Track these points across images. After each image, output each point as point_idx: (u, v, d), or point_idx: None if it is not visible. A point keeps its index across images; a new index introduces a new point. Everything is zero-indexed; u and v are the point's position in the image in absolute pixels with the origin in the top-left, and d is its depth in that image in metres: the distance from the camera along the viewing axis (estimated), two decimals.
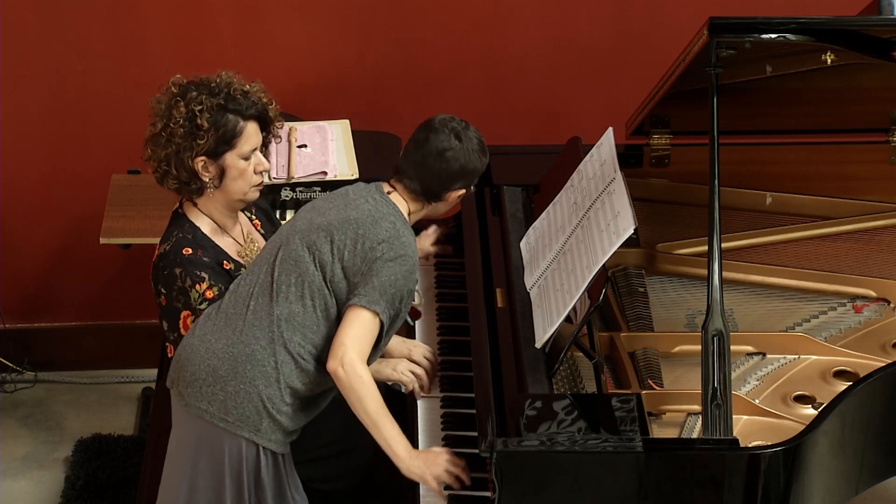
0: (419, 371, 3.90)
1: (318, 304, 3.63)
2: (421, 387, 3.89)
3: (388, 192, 3.75)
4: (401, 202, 3.74)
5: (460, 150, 3.71)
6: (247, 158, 3.79)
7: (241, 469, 3.65)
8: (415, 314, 4.16)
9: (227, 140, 3.76)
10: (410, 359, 3.98)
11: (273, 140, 3.92)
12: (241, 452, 3.64)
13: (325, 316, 3.63)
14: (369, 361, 3.64)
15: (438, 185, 3.73)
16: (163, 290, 3.78)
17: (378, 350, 3.70)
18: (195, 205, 3.84)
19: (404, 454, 3.57)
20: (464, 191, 3.76)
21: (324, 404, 3.75)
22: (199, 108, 3.74)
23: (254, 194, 3.84)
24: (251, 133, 3.79)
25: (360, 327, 3.58)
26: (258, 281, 3.67)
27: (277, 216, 4.39)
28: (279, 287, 3.64)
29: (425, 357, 3.97)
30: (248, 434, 3.63)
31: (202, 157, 3.75)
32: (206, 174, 3.77)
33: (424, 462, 3.57)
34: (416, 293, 3.96)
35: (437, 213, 3.84)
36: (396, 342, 3.99)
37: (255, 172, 3.81)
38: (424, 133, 3.75)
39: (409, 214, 3.74)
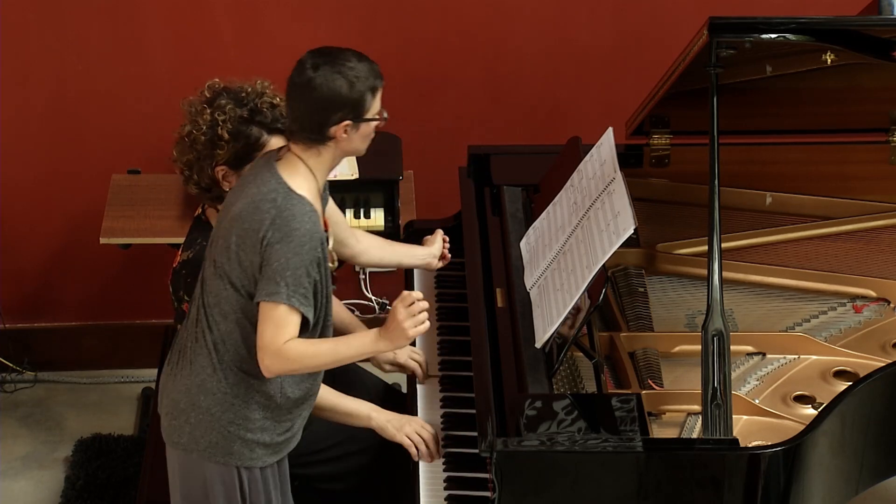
0: (427, 437, 3.74)
1: (244, 315, 3.52)
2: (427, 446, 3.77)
3: (279, 158, 3.52)
4: (292, 163, 3.49)
5: (319, 79, 3.43)
6: None
7: (231, 494, 3.61)
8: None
9: (249, 152, 3.72)
10: (395, 361, 3.97)
11: None
12: (223, 477, 3.61)
13: (254, 324, 3.51)
14: (325, 327, 3.57)
15: (313, 122, 3.46)
16: (186, 298, 3.76)
17: (326, 316, 3.57)
18: (218, 211, 3.82)
19: (379, 346, 3.54)
20: (349, 122, 3.45)
21: (306, 406, 3.66)
22: (223, 117, 3.71)
23: None
24: (275, 147, 3.74)
25: (268, 323, 3.45)
26: (196, 305, 3.60)
27: None
28: (207, 311, 3.55)
29: (412, 358, 3.96)
30: (223, 459, 3.58)
31: (223, 167, 3.73)
32: (227, 183, 3.75)
33: (392, 337, 3.52)
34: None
35: (347, 153, 3.54)
36: None
37: None
38: (291, 74, 3.53)
39: (310, 169, 3.50)
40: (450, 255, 4.04)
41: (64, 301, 5.36)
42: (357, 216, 4.65)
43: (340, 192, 4.62)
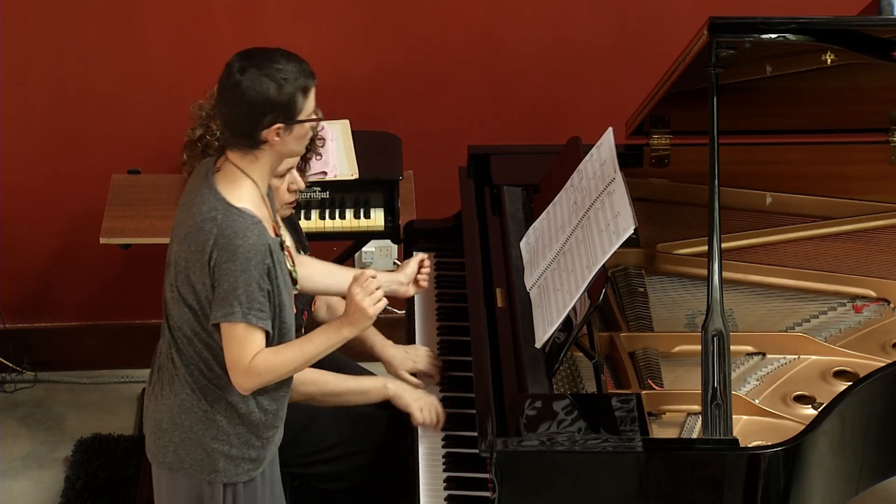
0: (434, 418, 3.80)
1: (208, 335, 3.48)
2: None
3: (218, 169, 3.45)
4: (231, 173, 3.43)
5: (247, 82, 3.35)
6: (281, 177, 3.73)
7: None
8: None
9: None
10: (416, 369, 3.97)
11: (315, 158, 3.86)
12: (209, 495, 3.58)
13: (219, 343, 3.47)
14: (282, 333, 3.51)
15: (245, 127, 3.38)
16: None
17: (282, 322, 3.50)
18: None
19: (344, 332, 3.53)
20: (281, 125, 3.38)
21: (283, 415, 3.63)
22: None
23: (285, 212, 3.80)
24: None
25: (232, 344, 3.42)
26: (165, 327, 3.57)
27: None
28: (174, 334, 3.53)
29: (431, 363, 3.97)
30: (209, 476, 3.56)
31: None
32: None
33: (353, 320, 3.52)
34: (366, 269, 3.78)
35: (284, 155, 3.47)
36: (399, 354, 3.98)
37: (288, 191, 3.76)
38: (219, 78, 3.43)
39: (251, 178, 3.43)
40: (425, 284, 3.90)
41: (64, 301, 5.36)
42: (357, 216, 4.65)
43: (340, 192, 4.62)
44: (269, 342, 3.49)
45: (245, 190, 3.44)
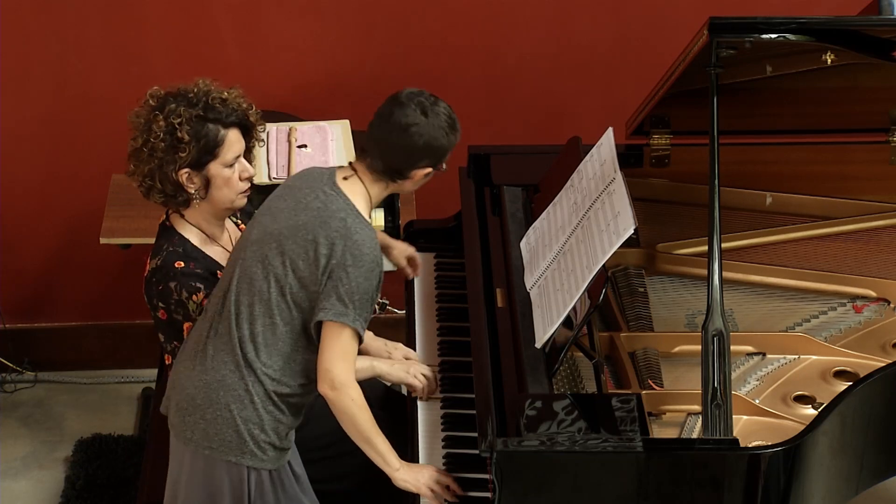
0: (430, 376, 3.86)
1: (280, 320, 3.54)
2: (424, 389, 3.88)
3: (346, 178, 3.60)
4: (357, 188, 3.58)
5: (426, 126, 3.53)
6: (231, 166, 3.75)
7: (240, 495, 3.61)
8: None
9: (210, 150, 3.73)
10: (405, 381, 3.98)
11: (257, 144, 3.89)
12: (234, 478, 3.60)
13: (289, 330, 3.55)
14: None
15: (402, 163, 3.56)
16: (160, 305, 3.77)
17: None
18: (182, 216, 3.83)
19: (398, 465, 3.59)
20: (430, 169, 3.59)
21: (304, 409, 3.68)
22: (179, 120, 3.70)
23: (241, 201, 3.81)
24: (233, 140, 3.75)
25: (336, 344, 3.49)
26: (221, 301, 3.60)
27: None
28: (238, 308, 3.56)
29: (407, 358, 3.98)
30: (235, 458, 3.58)
31: (186, 169, 3.72)
32: (192, 185, 3.75)
33: (415, 473, 3.59)
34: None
35: (404, 192, 3.70)
36: (377, 344, 3.99)
37: (240, 179, 3.77)
38: (389, 107, 3.57)
39: (370, 198, 3.60)
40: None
41: (64, 301, 5.36)
42: None
43: None
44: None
45: (366, 209, 3.58)
